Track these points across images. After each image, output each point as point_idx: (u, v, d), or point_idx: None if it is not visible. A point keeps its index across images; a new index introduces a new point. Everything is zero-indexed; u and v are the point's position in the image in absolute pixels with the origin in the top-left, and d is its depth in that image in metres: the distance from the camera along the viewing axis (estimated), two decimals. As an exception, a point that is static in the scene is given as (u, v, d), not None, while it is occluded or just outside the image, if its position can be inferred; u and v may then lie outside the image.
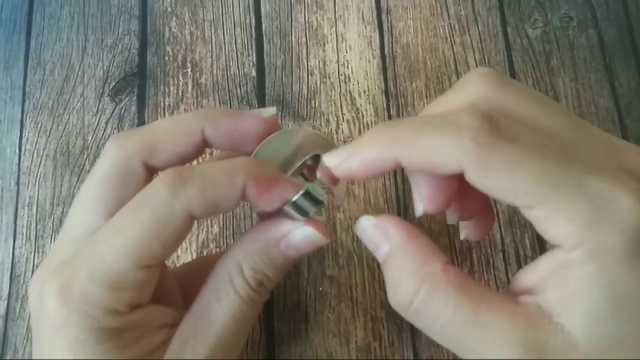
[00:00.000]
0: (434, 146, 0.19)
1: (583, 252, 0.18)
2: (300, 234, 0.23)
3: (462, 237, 0.26)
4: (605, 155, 0.19)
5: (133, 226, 0.20)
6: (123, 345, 0.21)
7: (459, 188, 0.22)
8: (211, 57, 0.36)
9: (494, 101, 0.20)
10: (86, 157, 0.34)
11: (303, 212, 0.22)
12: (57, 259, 0.22)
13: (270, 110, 0.25)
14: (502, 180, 0.18)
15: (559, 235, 0.18)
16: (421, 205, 0.22)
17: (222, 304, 0.22)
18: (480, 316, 0.19)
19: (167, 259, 0.22)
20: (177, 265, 0.31)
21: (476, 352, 0.19)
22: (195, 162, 0.25)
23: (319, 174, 0.23)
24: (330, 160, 0.22)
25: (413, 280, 0.19)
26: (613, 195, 0.17)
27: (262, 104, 0.35)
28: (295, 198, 0.22)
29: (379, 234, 0.22)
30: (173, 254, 0.22)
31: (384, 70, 0.35)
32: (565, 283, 0.18)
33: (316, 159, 0.24)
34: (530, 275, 0.20)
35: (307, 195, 0.22)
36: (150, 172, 0.23)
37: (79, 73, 0.36)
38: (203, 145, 0.23)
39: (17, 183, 0.34)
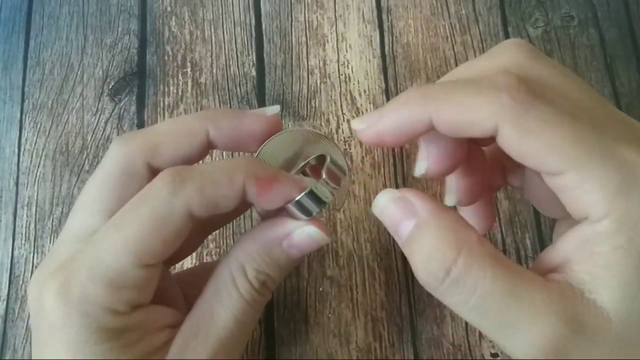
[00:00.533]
0: (470, 103, 0.18)
1: (611, 223, 0.17)
2: (303, 233, 0.23)
3: None
4: (627, 130, 0.19)
5: (133, 224, 0.20)
6: (124, 345, 0.21)
7: (465, 158, 0.22)
8: (211, 56, 0.36)
9: (527, 69, 0.20)
10: (85, 157, 0.34)
11: (306, 212, 0.22)
12: (57, 259, 0.22)
13: (273, 109, 0.24)
14: (539, 140, 0.18)
15: (587, 204, 0.17)
16: (425, 164, 0.21)
17: (224, 305, 0.22)
18: (518, 288, 0.18)
19: (167, 258, 0.22)
20: (181, 269, 0.31)
21: (513, 327, 0.18)
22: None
23: (324, 174, 0.23)
24: (358, 123, 0.21)
25: (450, 250, 0.18)
26: None
27: (262, 103, 0.35)
28: (299, 197, 0.22)
29: (402, 208, 0.20)
30: (172, 252, 0.22)
31: (385, 69, 0.35)
32: (594, 258, 0.18)
33: (320, 159, 0.24)
34: (555, 253, 0.19)
35: (312, 194, 0.22)
36: (154, 173, 0.22)
37: (79, 73, 0.36)
38: (207, 147, 0.23)
39: (17, 183, 0.34)
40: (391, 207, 0.21)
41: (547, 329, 0.17)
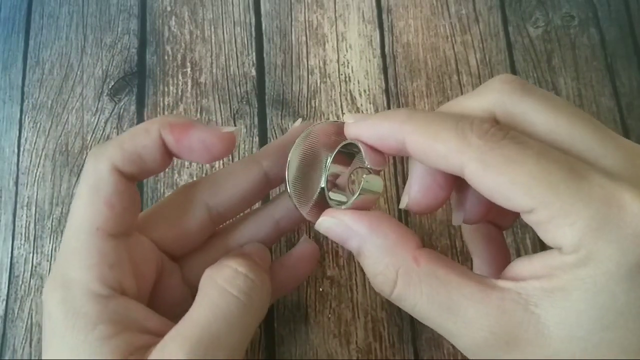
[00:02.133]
0: (441, 136, 0.19)
1: (578, 256, 0.17)
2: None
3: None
4: (624, 162, 0.18)
5: (79, 203, 0.22)
6: (100, 337, 0.20)
7: (461, 190, 0.22)
8: (211, 56, 0.36)
9: (511, 109, 0.20)
10: (85, 157, 0.34)
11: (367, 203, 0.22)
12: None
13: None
14: (502, 178, 0.18)
15: (557, 239, 0.18)
16: (406, 199, 0.22)
17: (204, 303, 0.21)
18: (453, 303, 0.19)
19: (119, 227, 0.22)
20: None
21: (451, 337, 0.20)
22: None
23: (364, 156, 0.22)
24: (350, 117, 0.22)
25: (387, 274, 0.20)
26: (619, 200, 0.17)
27: (261, 103, 0.35)
28: (354, 198, 0.22)
29: (342, 231, 0.21)
30: (129, 219, 0.23)
31: (385, 69, 0.35)
32: (553, 278, 0.18)
33: (347, 147, 0.24)
34: (522, 266, 0.19)
35: (365, 190, 0.22)
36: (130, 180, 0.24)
37: (78, 72, 0.36)
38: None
39: (16, 183, 0.34)
40: (334, 230, 0.22)
41: (479, 340, 0.19)
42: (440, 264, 0.20)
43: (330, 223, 0.22)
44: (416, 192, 0.22)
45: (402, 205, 0.22)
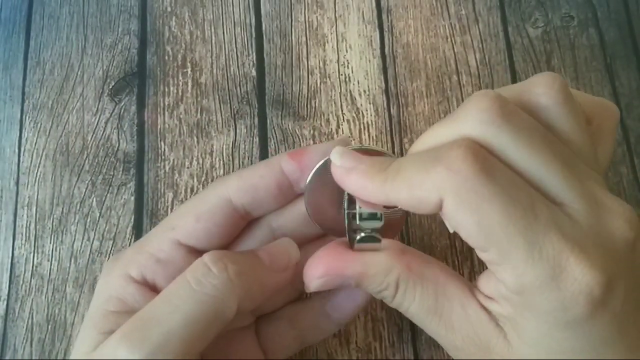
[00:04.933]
0: (417, 179, 0.19)
1: (521, 300, 0.19)
2: (275, 242, 0.24)
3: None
4: (585, 214, 0.19)
5: (180, 205, 0.25)
6: (108, 310, 0.22)
7: None
8: (211, 56, 0.36)
9: (488, 139, 0.19)
10: (86, 157, 0.34)
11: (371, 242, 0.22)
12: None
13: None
14: (472, 214, 0.18)
15: (504, 280, 0.19)
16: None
17: (164, 302, 0.21)
18: (439, 306, 0.21)
19: (200, 244, 0.23)
20: None
21: (437, 336, 0.22)
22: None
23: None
24: (336, 157, 0.21)
25: (389, 289, 0.22)
26: (565, 262, 0.17)
27: (262, 103, 0.35)
28: (356, 244, 0.22)
29: (338, 280, 0.22)
30: (208, 242, 0.23)
31: (384, 69, 0.35)
32: (505, 306, 0.20)
33: None
34: (487, 282, 0.21)
35: (363, 240, 0.22)
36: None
37: (79, 73, 0.36)
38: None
39: (17, 183, 0.34)
40: (329, 283, 0.23)
41: (458, 343, 0.21)
42: (429, 265, 0.22)
43: (322, 281, 0.22)
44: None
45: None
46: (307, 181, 0.24)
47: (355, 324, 0.30)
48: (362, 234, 0.22)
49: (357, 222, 0.22)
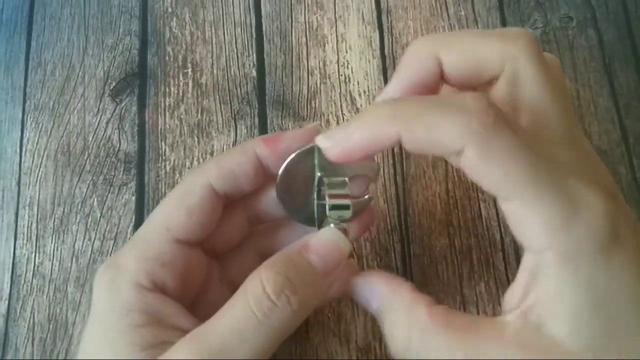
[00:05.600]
0: (439, 125, 0.19)
1: (555, 255, 0.18)
2: (320, 235, 0.23)
3: None
4: (586, 162, 0.21)
5: (165, 200, 0.24)
6: (131, 324, 0.22)
7: None
8: (211, 57, 0.36)
9: (522, 67, 0.20)
10: (87, 158, 0.34)
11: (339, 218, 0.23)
12: None
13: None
14: (498, 166, 0.18)
15: (530, 234, 0.19)
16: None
17: (227, 313, 0.21)
18: (475, 348, 0.19)
19: (195, 238, 0.24)
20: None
21: None
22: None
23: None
24: (324, 141, 0.21)
25: (403, 330, 0.21)
26: (587, 199, 0.18)
27: (262, 104, 0.35)
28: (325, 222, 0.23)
29: (366, 290, 0.23)
30: (202, 230, 0.24)
31: (384, 70, 0.35)
32: (543, 287, 0.19)
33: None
34: (514, 290, 0.20)
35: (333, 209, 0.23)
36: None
37: (80, 73, 0.36)
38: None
39: (18, 183, 0.34)
40: (359, 288, 0.23)
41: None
42: (451, 314, 0.21)
43: (358, 282, 0.23)
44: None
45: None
46: (280, 170, 0.24)
47: (355, 324, 0.30)
48: (331, 225, 0.23)
49: (327, 212, 0.23)
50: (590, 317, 0.18)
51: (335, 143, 0.21)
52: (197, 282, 0.25)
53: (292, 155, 0.24)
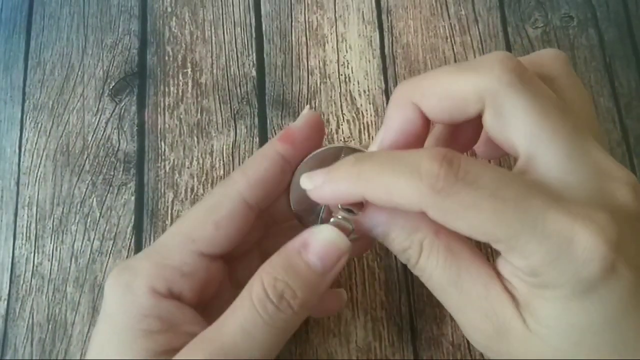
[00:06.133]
0: (395, 188, 0.19)
1: (538, 281, 0.19)
2: (318, 235, 0.22)
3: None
4: (587, 182, 0.19)
5: (191, 213, 0.24)
6: (146, 329, 0.22)
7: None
8: (211, 57, 0.36)
9: (501, 101, 0.20)
10: (86, 157, 0.34)
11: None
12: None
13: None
14: (460, 221, 0.19)
15: (516, 266, 0.19)
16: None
17: (234, 314, 0.21)
18: (460, 279, 0.20)
19: (222, 250, 0.23)
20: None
21: (454, 310, 0.21)
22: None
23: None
24: (306, 182, 0.22)
25: (414, 247, 0.21)
26: (572, 234, 0.18)
27: (262, 103, 0.35)
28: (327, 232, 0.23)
29: (367, 222, 0.23)
30: (229, 244, 0.24)
31: (384, 70, 0.35)
32: (526, 292, 0.19)
33: None
34: (505, 268, 0.21)
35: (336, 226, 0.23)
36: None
37: (79, 73, 0.36)
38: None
39: (17, 183, 0.34)
40: (361, 219, 0.23)
41: (477, 321, 0.20)
42: (457, 240, 0.21)
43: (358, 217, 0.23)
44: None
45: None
46: (295, 173, 0.25)
47: (355, 324, 0.30)
48: (338, 216, 0.23)
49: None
50: (562, 339, 0.19)
51: (313, 187, 0.22)
52: (214, 290, 0.25)
53: (307, 157, 0.25)
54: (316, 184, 0.22)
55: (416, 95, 0.21)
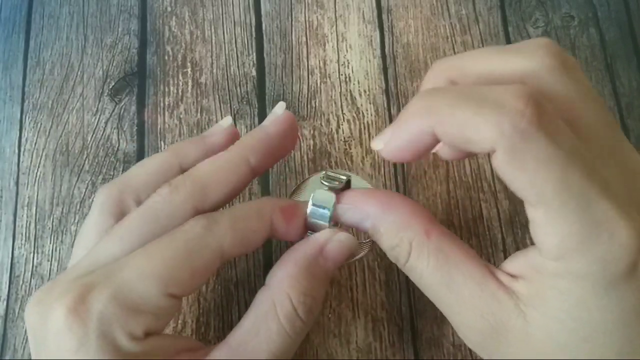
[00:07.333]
0: (471, 122, 0.18)
1: (560, 267, 0.18)
2: (335, 241, 0.23)
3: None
4: (627, 180, 0.19)
5: (165, 253, 0.21)
6: None
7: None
8: (211, 56, 0.36)
9: (546, 84, 0.19)
10: (85, 157, 0.34)
11: (320, 220, 0.23)
12: (65, 279, 0.21)
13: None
14: (526, 173, 0.18)
15: (544, 243, 0.18)
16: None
17: (261, 339, 0.21)
18: (452, 280, 0.20)
19: (191, 293, 0.23)
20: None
21: (447, 311, 0.21)
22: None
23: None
24: (376, 143, 0.21)
25: (402, 246, 0.21)
26: (615, 227, 0.17)
27: (262, 103, 0.35)
28: (309, 210, 0.23)
29: (355, 214, 0.22)
30: (196, 287, 0.24)
31: (385, 69, 0.35)
32: (534, 282, 0.19)
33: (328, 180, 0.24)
34: (516, 262, 0.20)
35: (316, 200, 0.23)
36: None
37: (79, 73, 0.36)
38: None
39: (17, 183, 0.34)
40: (350, 212, 0.23)
41: (470, 320, 0.20)
42: (448, 240, 0.21)
43: (347, 208, 0.23)
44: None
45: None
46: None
47: (355, 325, 0.30)
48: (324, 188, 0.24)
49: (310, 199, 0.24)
50: (569, 334, 0.18)
51: (385, 144, 0.21)
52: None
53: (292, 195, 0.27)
54: (386, 139, 0.21)
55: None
